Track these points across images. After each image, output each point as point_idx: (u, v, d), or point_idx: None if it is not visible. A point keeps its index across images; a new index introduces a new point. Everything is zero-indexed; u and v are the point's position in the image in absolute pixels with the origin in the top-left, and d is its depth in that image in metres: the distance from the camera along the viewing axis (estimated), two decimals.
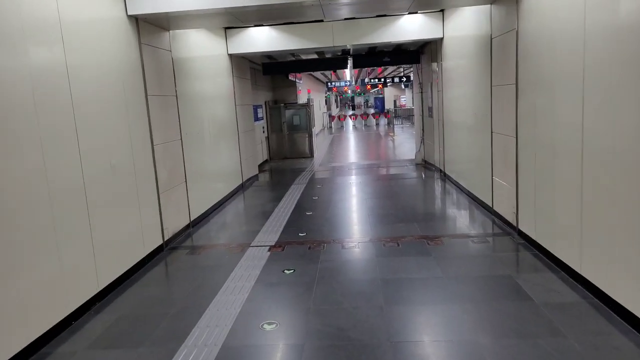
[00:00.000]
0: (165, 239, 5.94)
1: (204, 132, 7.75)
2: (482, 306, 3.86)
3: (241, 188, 10.12)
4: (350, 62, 11.70)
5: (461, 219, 6.71)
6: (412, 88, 42.15)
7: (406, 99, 45.66)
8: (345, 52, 11.62)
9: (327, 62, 11.91)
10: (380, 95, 51.32)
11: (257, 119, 14.29)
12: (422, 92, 12.19)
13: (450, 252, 5.24)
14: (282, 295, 4.38)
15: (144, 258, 5.26)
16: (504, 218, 6.09)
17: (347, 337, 3.47)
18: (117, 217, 4.78)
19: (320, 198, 8.69)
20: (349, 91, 61.60)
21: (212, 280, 4.78)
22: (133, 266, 5.01)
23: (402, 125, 29.23)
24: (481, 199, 7.12)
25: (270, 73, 11.97)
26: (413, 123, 30.19)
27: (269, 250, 5.66)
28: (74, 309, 3.96)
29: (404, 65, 20.76)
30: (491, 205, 6.61)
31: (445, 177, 9.89)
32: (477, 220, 6.57)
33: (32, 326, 3.47)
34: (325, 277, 4.69)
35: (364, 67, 12.90)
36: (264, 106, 15.48)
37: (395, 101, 44.32)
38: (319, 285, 4.49)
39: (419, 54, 11.70)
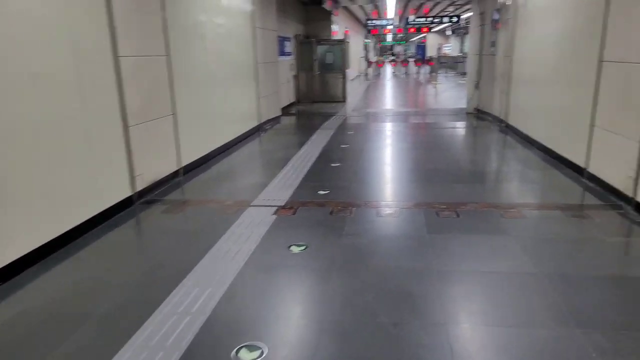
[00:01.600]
0: (138, 189, 4.44)
1: (205, 52, 6.06)
2: (624, 340, 2.19)
3: (257, 130, 8.50)
4: None
5: (540, 181, 4.90)
6: (458, 35, 38.80)
7: (450, 47, 42.23)
8: None
9: None
10: (422, 43, 47.78)
11: (283, 53, 12.44)
12: (483, 25, 10.00)
13: (538, 231, 3.52)
14: (280, 294, 2.81)
15: (95, 216, 3.77)
16: (608, 184, 4.28)
17: None
18: (47, 157, 3.25)
19: (351, 146, 6.99)
20: (390, 38, 57.93)
21: (178, 258, 3.25)
22: (74, 228, 3.53)
23: (445, 74, 26.64)
24: (566, 156, 5.26)
25: None
26: (458, 72, 27.61)
27: (276, 212, 4.08)
28: None
29: (457, 1, 18.12)
30: (584, 166, 4.78)
31: (507, 128, 7.96)
32: (563, 184, 4.76)
33: None
34: (351, 262, 3.10)
35: None
36: (293, 40, 13.55)
37: (438, 49, 41.02)
38: (340, 276, 2.90)
39: None
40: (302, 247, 3.32)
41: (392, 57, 42.07)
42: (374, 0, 15.21)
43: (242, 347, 2.20)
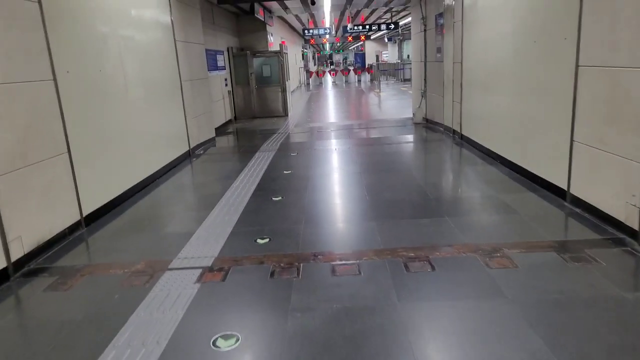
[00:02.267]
0: (15, 258, 3.31)
1: (110, 71, 4.97)
2: None
3: (188, 156, 7.44)
4: None
5: (518, 209, 4.21)
6: (395, 42, 39.10)
7: (388, 54, 42.56)
8: None
9: None
10: (361, 51, 47.97)
11: (216, 67, 11.42)
12: (425, 30, 9.48)
13: (539, 289, 2.76)
14: None
15: None
16: (599, 210, 3.65)
17: None
18: None
19: (295, 172, 6.09)
20: (327, 48, 57.94)
21: None
22: None
23: (387, 82, 26.48)
24: (542, 176, 4.65)
25: (228, 1, 9.00)
26: (399, 79, 27.56)
27: (200, 278, 3.11)
28: None
29: (394, 8, 17.82)
30: (565, 188, 4.15)
31: (462, 140, 7.38)
32: (545, 212, 4.10)
33: None
34: None
35: None
36: (226, 53, 12.56)
37: (377, 56, 41.19)
38: None
39: None
40: (232, 342, 2.38)
41: (332, 67, 41.79)
42: (308, 9, 14.51)
43: None
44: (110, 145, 4.84)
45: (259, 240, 3.72)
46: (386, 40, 40.57)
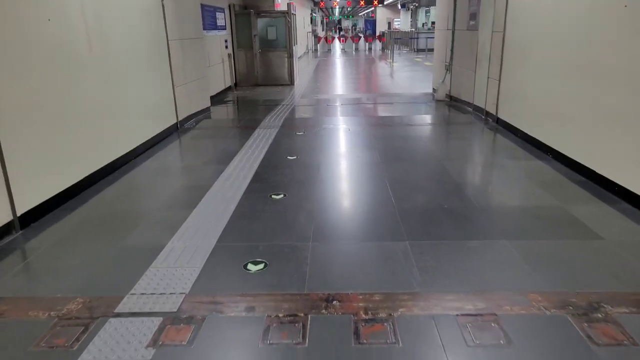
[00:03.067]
0: None
1: (61, 24, 3.83)
2: None
3: (175, 130, 6.35)
4: None
5: (598, 232, 3.15)
6: (409, 9, 37.12)
7: (400, 22, 40.62)
8: None
9: None
10: (371, 18, 45.89)
11: (215, 26, 10.17)
12: (454, 29, 8.20)
13: None
14: None
15: None
16: None
17: None
18: None
19: (300, 158, 5.01)
20: (337, 13, 55.59)
21: None
22: None
23: (399, 51, 24.96)
24: (622, 183, 3.57)
25: None
26: (412, 48, 25.91)
27: (157, 337, 2.09)
28: None
29: None
30: None
31: (497, 124, 6.27)
32: None
33: None
34: None
35: None
36: (227, 10, 11.25)
37: (389, 24, 39.31)
38: None
39: None
40: None
41: (342, 33, 39.94)
42: None
43: None
44: (64, 117, 3.75)
45: (250, 267, 2.69)
46: (399, 7, 38.60)
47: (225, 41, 11.16)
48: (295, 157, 5.00)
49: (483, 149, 5.59)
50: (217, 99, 9.78)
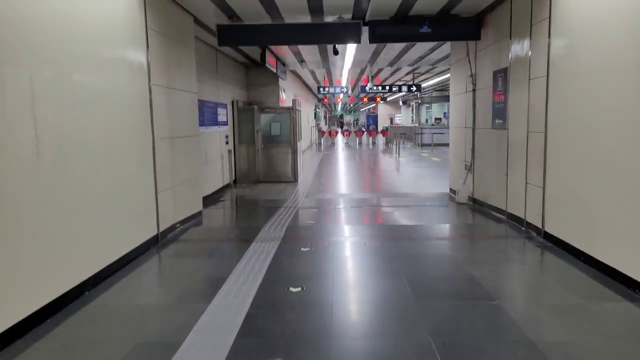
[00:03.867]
0: None
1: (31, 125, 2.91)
2: None
3: (155, 244, 5.27)
4: (365, 33, 7.03)
5: None
6: (409, 106, 37.91)
7: (402, 117, 41.38)
8: (358, 15, 6.96)
9: (328, 29, 7.08)
10: (373, 113, 46.97)
11: (216, 122, 9.54)
12: (474, 90, 7.56)
13: None
14: None
15: None
16: None
17: None
18: None
19: (307, 292, 3.85)
20: (339, 108, 57.32)
21: None
22: None
23: (403, 146, 24.68)
24: None
25: (230, 42, 7.13)
26: (416, 143, 25.70)
27: None
28: None
29: (418, 69, 16.29)
30: None
31: (546, 240, 5.17)
32: None
33: None
34: None
35: (388, 41, 8.25)
36: (229, 106, 10.73)
37: (391, 119, 39.97)
38: None
39: (479, 25, 7.09)
40: None
41: (345, 127, 40.49)
42: (326, 63, 12.90)
43: None
44: None
45: None
46: (400, 103, 39.53)
47: (226, 137, 10.51)
48: (299, 289, 3.84)
49: (542, 279, 4.42)
50: (213, 198, 8.84)
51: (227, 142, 10.56)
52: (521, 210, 5.85)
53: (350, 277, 4.30)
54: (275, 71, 10.84)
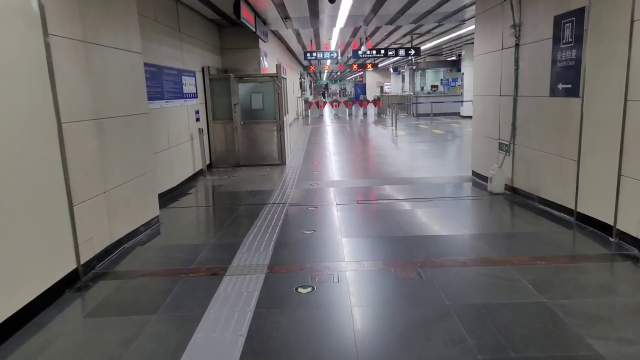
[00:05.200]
0: None
1: None
2: None
3: (71, 287, 3.43)
4: None
5: None
6: (399, 73, 35.70)
7: (391, 86, 39.29)
8: None
9: None
10: (360, 82, 44.71)
11: (180, 94, 7.58)
12: (518, 45, 5.72)
13: None
14: None
15: None
16: None
17: None
18: None
19: None
20: (324, 77, 54.70)
21: None
22: None
23: (397, 116, 22.74)
24: None
25: None
26: (411, 114, 23.59)
27: None
28: None
29: (414, 32, 14.27)
30: None
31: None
32: None
33: None
34: None
35: None
36: (199, 75, 8.73)
37: (381, 87, 37.86)
38: None
39: None
40: None
41: (334, 98, 38.31)
42: (316, 21, 10.87)
43: None
44: None
45: None
46: (391, 70, 37.37)
47: (197, 112, 8.56)
48: None
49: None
50: (180, 191, 6.98)
51: (197, 119, 8.62)
52: (606, 212, 4.11)
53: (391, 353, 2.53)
54: (254, 30, 8.81)
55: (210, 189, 7.44)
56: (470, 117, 8.41)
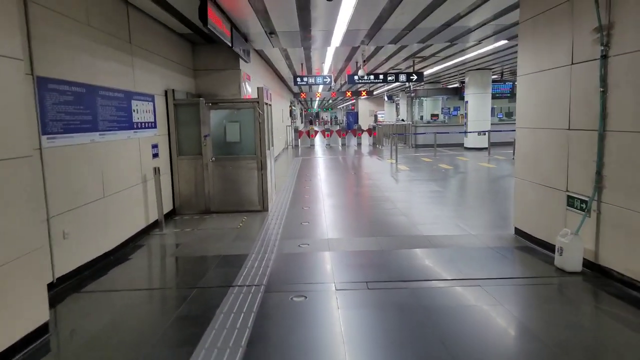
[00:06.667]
0: None
1: None
2: None
3: None
4: None
5: None
6: (393, 101, 34.21)
7: (385, 114, 37.82)
8: None
9: None
10: (352, 110, 43.25)
11: (129, 123, 5.64)
12: (606, 57, 3.89)
13: None
14: None
15: None
16: None
17: None
18: None
19: None
20: (315, 105, 53.28)
21: None
22: None
23: (394, 147, 21.02)
24: None
25: None
26: (409, 144, 21.75)
27: None
28: None
29: (416, 56, 12.59)
30: None
31: None
32: None
33: None
34: None
35: None
36: (161, 99, 6.82)
37: (375, 116, 36.35)
38: None
39: None
40: None
41: (326, 127, 36.70)
42: (308, 39, 9.12)
43: None
44: None
45: None
46: (385, 98, 35.97)
47: (154, 146, 6.61)
48: None
49: None
50: (116, 256, 4.96)
51: (156, 155, 6.67)
52: None
53: None
54: (229, 44, 6.96)
55: (162, 252, 5.44)
56: (475, 148, 6.56)
